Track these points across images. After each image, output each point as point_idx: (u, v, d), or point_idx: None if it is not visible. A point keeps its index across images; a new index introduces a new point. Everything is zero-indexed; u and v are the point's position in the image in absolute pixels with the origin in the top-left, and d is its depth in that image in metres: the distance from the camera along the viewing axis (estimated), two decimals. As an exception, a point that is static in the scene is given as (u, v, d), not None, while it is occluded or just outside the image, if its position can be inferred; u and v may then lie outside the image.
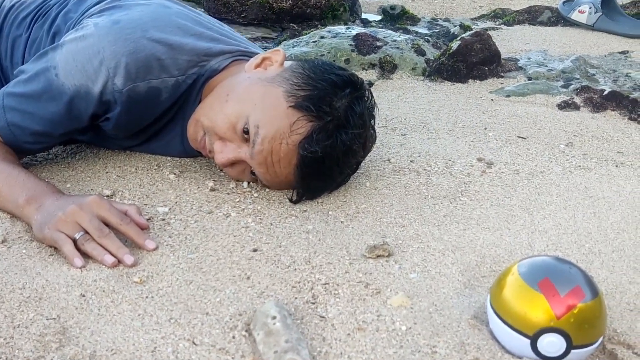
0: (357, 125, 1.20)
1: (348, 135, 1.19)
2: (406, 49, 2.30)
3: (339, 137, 1.18)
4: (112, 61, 1.20)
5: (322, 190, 1.29)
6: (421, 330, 0.93)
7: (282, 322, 0.89)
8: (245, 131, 1.19)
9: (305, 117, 1.17)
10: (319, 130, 1.17)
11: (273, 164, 1.20)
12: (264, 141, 1.17)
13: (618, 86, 2.09)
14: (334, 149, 1.17)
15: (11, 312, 0.93)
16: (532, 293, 0.88)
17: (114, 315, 0.94)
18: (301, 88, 1.19)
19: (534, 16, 3.01)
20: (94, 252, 1.06)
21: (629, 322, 1.00)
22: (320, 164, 1.19)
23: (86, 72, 1.20)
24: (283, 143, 1.17)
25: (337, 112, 1.18)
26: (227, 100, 1.22)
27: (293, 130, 1.17)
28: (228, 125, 1.20)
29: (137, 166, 1.39)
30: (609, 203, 1.37)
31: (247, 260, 1.08)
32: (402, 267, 1.09)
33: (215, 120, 1.22)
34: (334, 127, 1.18)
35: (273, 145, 1.18)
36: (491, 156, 1.58)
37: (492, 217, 1.28)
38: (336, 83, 1.21)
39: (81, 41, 1.22)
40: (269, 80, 1.22)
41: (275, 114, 1.18)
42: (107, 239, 1.07)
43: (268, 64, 1.27)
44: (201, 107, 1.27)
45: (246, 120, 1.18)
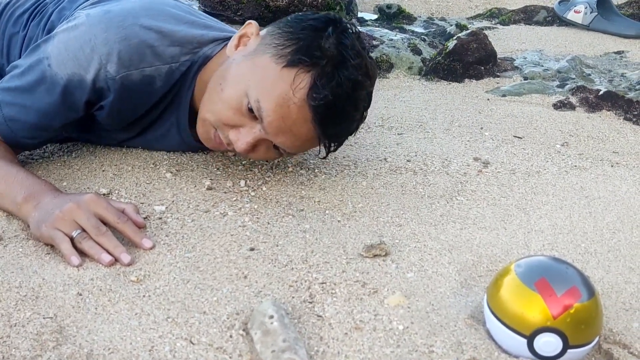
0: (354, 57, 1.18)
1: (349, 69, 1.16)
2: (402, 48, 2.30)
3: (342, 74, 1.15)
4: (104, 48, 1.20)
5: (347, 133, 1.25)
6: (418, 330, 0.93)
7: (280, 322, 0.89)
8: (250, 110, 1.17)
9: (301, 70, 1.15)
10: (320, 76, 1.15)
11: (290, 128, 1.18)
12: (270, 111, 1.16)
13: (613, 86, 2.10)
14: (341, 87, 1.15)
15: (8, 311, 0.93)
16: (528, 293, 0.89)
17: (111, 314, 0.94)
18: (286, 46, 1.17)
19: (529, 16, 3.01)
20: (91, 250, 1.05)
21: (625, 321, 1.00)
22: (334, 108, 1.16)
23: (78, 61, 1.20)
24: (290, 104, 1.15)
25: (330, 52, 1.16)
26: (222, 89, 1.21)
27: (295, 88, 1.15)
28: (232, 110, 1.19)
29: (134, 164, 1.39)
30: (605, 203, 1.37)
31: (244, 259, 1.08)
32: (399, 266, 1.09)
33: (219, 112, 1.21)
34: (333, 67, 1.15)
35: (281, 112, 1.16)
36: (487, 156, 1.58)
37: (489, 217, 1.29)
38: (316, 27, 1.18)
39: (73, 30, 1.22)
40: (252, 54, 1.21)
41: (271, 80, 1.16)
42: (104, 237, 1.07)
43: (246, 40, 1.26)
44: (202, 104, 1.26)
45: (247, 99, 1.17)
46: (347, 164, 1.47)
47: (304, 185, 1.36)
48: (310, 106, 1.15)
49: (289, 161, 1.45)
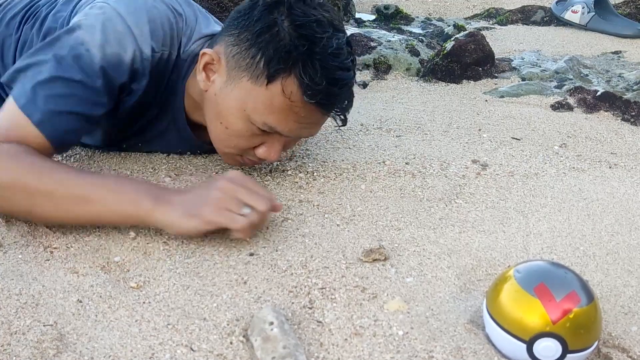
0: (318, 30, 1.15)
1: (322, 47, 1.14)
2: (400, 50, 2.30)
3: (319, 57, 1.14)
4: (136, 29, 1.20)
5: (352, 92, 1.25)
6: (418, 335, 0.93)
7: (280, 328, 0.90)
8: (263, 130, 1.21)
9: (284, 77, 1.15)
10: (303, 73, 1.14)
11: (306, 123, 1.22)
12: (281, 125, 1.19)
13: (611, 87, 2.10)
14: (326, 68, 1.14)
15: (8, 319, 0.93)
16: (528, 298, 0.89)
17: (111, 321, 0.94)
18: (254, 62, 1.16)
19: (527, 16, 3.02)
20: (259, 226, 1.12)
21: (624, 325, 1.01)
22: (334, 87, 1.16)
23: (116, 41, 1.19)
24: (294, 109, 1.17)
25: (295, 43, 1.14)
26: (227, 126, 1.23)
27: (290, 96, 1.16)
28: (248, 138, 1.23)
29: (133, 169, 1.39)
30: (603, 205, 1.38)
31: (243, 264, 1.08)
32: (399, 271, 1.09)
33: (237, 143, 1.25)
34: (307, 56, 1.14)
35: (291, 118, 1.19)
36: (486, 158, 1.58)
37: (487, 220, 1.29)
38: (268, 26, 1.16)
39: (101, 15, 1.20)
40: (229, 83, 1.20)
41: (265, 102, 1.17)
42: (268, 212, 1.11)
43: (212, 67, 1.24)
44: (214, 141, 1.29)
45: (254, 125, 1.20)
46: (346, 167, 1.47)
47: (302, 189, 1.37)
48: (312, 103, 1.16)
49: (288, 165, 1.45)
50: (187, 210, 1.07)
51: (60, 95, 1.15)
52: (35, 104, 1.14)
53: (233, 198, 1.08)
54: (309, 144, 1.59)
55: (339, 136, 1.66)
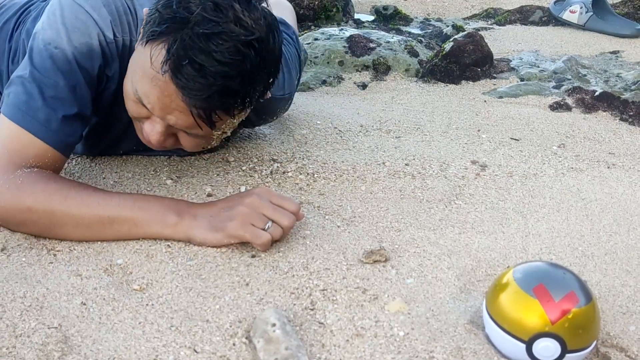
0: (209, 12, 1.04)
1: (201, 26, 1.03)
2: (399, 50, 2.31)
3: (193, 34, 1.03)
4: (94, 13, 1.19)
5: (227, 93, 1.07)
6: (418, 336, 0.94)
7: (282, 329, 0.91)
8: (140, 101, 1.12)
9: (155, 42, 1.07)
10: (171, 43, 1.04)
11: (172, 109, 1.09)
12: (149, 99, 1.10)
13: (609, 87, 2.11)
14: (194, 47, 1.03)
15: (13, 322, 0.94)
16: (527, 299, 0.90)
17: (115, 324, 0.95)
18: (148, 22, 1.10)
19: (525, 16, 3.02)
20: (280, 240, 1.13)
21: (622, 325, 1.02)
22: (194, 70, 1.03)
23: (79, 30, 1.18)
24: (157, 84, 1.07)
25: (181, 14, 1.05)
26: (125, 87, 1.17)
27: (152, 61, 1.06)
28: (132, 104, 1.15)
29: (134, 172, 1.40)
30: (602, 205, 1.39)
31: (245, 266, 1.09)
32: (399, 272, 1.10)
33: (128, 107, 1.17)
34: (183, 28, 1.04)
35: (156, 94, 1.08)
36: (485, 158, 1.59)
37: (487, 221, 1.30)
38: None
39: (58, 10, 1.20)
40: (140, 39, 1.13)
41: (140, 66, 1.10)
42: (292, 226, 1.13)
43: None
44: None
45: (135, 91, 1.12)
46: (346, 168, 1.48)
47: (303, 190, 1.38)
48: (170, 78, 1.05)
49: (289, 166, 1.46)
50: (211, 224, 1.12)
51: (51, 102, 1.16)
52: (32, 117, 1.15)
53: (259, 214, 1.11)
54: (309, 145, 1.60)
55: (338, 137, 1.67)
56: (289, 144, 1.59)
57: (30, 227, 1.13)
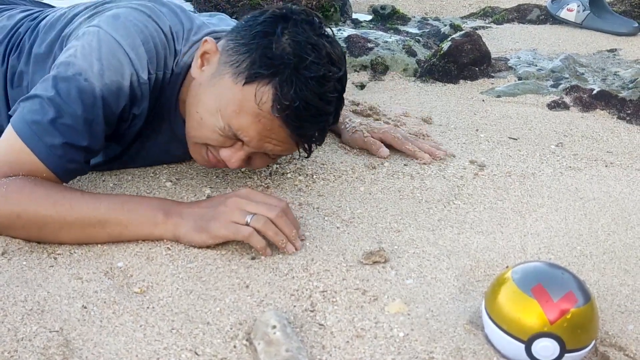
0: (310, 52, 1.14)
1: (309, 68, 1.13)
2: (397, 50, 2.32)
3: (302, 76, 1.12)
4: (132, 52, 1.20)
5: (326, 126, 1.22)
6: (418, 337, 0.95)
7: (282, 331, 0.91)
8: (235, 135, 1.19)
9: (261, 83, 1.13)
10: (281, 85, 1.12)
11: (271, 138, 1.18)
12: (245, 132, 1.17)
13: (607, 85, 2.12)
14: (305, 89, 1.13)
15: (14, 325, 0.94)
16: (525, 299, 0.91)
17: (116, 327, 0.96)
18: (241, 61, 1.16)
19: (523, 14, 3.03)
20: (268, 232, 1.11)
21: (621, 324, 1.02)
22: (305, 111, 1.14)
23: (114, 68, 1.19)
24: (261, 119, 1.15)
25: (285, 56, 1.13)
26: (201, 117, 1.20)
27: (259, 104, 1.14)
28: (216, 134, 1.20)
29: (134, 174, 1.40)
30: (600, 204, 1.39)
31: (245, 268, 1.10)
32: (399, 273, 1.11)
33: (206, 137, 1.21)
34: (291, 71, 1.12)
35: (256, 128, 1.16)
36: (483, 158, 1.60)
37: (486, 221, 1.30)
38: (266, 32, 1.16)
39: (96, 41, 1.19)
40: (214, 76, 1.20)
41: (237, 103, 1.15)
42: (282, 219, 1.13)
43: (208, 57, 1.24)
44: (187, 129, 1.25)
45: (227, 126, 1.17)
46: (345, 169, 1.49)
47: (302, 191, 1.38)
48: (279, 118, 1.14)
49: (288, 167, 1.47)
50: (196, 224, 1.13)
51: (63, 129, 1.15)
52: (39, 138, 1.14)
53: (240, 210, 1.12)
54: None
55: (337, 138, 1.67)
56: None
57: (19, 231, 1.13)
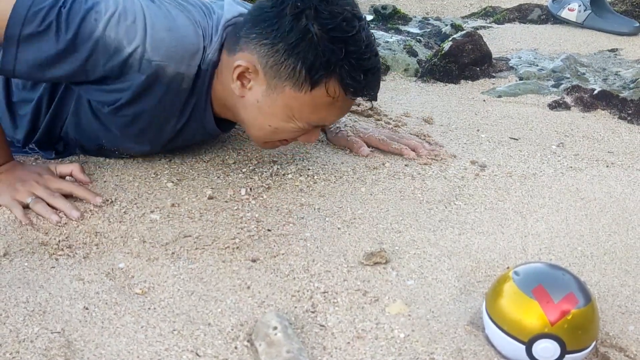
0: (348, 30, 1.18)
1: (355, 45, 1.19)
2: (398, 50, 2.32)
3: (355, 56, 1.19)
4: (151, 30, 1.20)
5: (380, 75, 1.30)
6: (419, 338, 0.95)
7: (283, 333, 0.91)
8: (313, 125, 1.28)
9: (326, 81, 1.20)
10: (342, 74, 1.19)
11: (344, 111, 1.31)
12: (328, 120, 1.30)
13: (608, 85, 2.12)
14: (363, 65, 1.20)
15: (16, 327, 0.95)
16: (526, 300, 0.91)
17: (117, 328, 0.96)
18: (295, 71, 1.19)
19: (524, 14, 3.03)
20: (42, 211, 1.22)
21: (621, 325, 1.03)
22: (371, 78, 1.23)
23: (126, 31, 1.19)
24: (336, 106, 1.25)
25: (334, 50, 1.17)
26: (276, 127, 1.27)
27: (333, 96, 1.21)
28: (293, 133, 1.29)
29: (135, 175, 1.40)
30: (600, 205, 1.39)
31: (246, 269, 1.10)
32: (400, 273, 1.11)
33: (287, 136, 1.31)
34: (345, 58, 1.18)
35: (338, 113, 1.29)
36: (484, 158, 1.60)
37: (486, 221, 1.30)
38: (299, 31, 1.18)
39: (128, 2, 1.20)
40: (271, 93, 1.23)
41: (311, 105, 1.22)
42: (55, 199, 1.24)
43: (247, 76, 1.24)
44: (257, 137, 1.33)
45: (305, 124, 1.26)
46: (346, 169, 1.49)
47: (303, 192, 1.38)
48: (354, 94, 1.24)
49: (289, 168, 1.47)
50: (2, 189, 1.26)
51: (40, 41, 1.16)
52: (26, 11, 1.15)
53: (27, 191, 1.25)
54: (308, 146, 1.60)
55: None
56: (288, 145, 1.59)
57: None
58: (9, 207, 1.23)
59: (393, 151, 1.57)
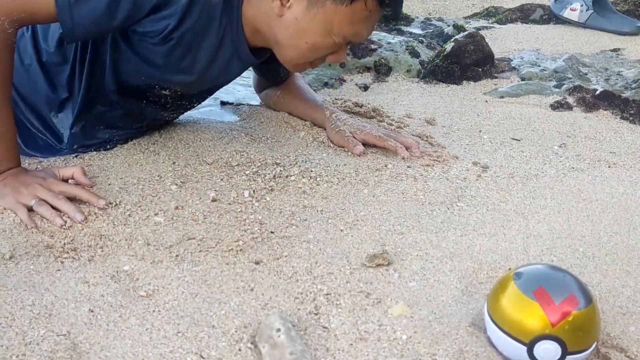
0: None
1: None
2: (400, 51, 2.32)
3: None
4: None
5: None
6: (421, 339, 0.96)
7: (287, 335, 0.92)
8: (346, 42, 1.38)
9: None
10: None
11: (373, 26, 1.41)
12: (362, 34, 1.38)
13: (610, 85, 2.12)
14: None
15: (22, 329, 0.96)
16: (527, 302, 0.91)
17: (122, 330, 0.97)
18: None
19: (526, 14, 3.03)
20: (45, 213, 1.23)
21: (622, 325, 1.03)
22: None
23: None
24: (370, 20, 1.35)
25: None
26: (312, 43, 1.35)
27: (370, 9, 1.31)
28: (327, 50, 1.38)
29: (139, 177, 1.41)
30: (602, 205, 1.40)
31: (250, 272, 1.11)
32: (402, 275, 1.12)
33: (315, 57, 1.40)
34: None
35: (368, 27, 1.37)
36: (486, 159, 1.61)
37: (488, 223, 1.31)
38: None
39: None
40: (311, 8, 1.32)
41: (349, 18, 1.31)
42: (60, 201, 1.25)
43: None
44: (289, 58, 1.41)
45: (339, 39, 1.34)
46: (349, 171, 1.49)
47: (306, 194, 1.39)
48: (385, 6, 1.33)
49: (292, 170, 1.48)
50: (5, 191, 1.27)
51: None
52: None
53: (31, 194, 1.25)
54: (310, 148, 1.61)
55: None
56: (291, 147, 1.60)
57: None
58: (13, 209, 1.24)
59: (389, 147, 1.59)
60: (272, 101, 1.82)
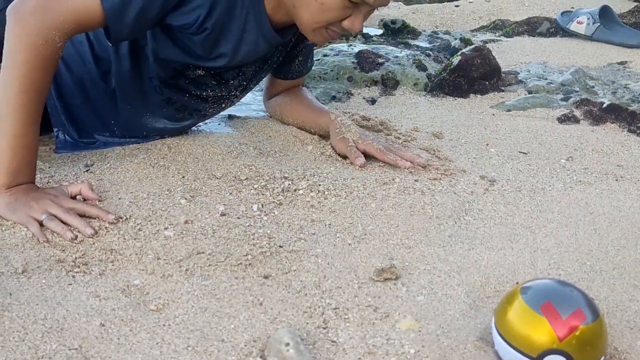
0: None
1: None
2: (407, 65, 2.34)
3: None
4: None
5: None
6: (429, 353, 0.97)
7: (296, 349, 0.93)
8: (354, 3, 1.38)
9: None
10: None
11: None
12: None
13: (617, 98, 2.13)
14: None
15: (35, 343, 0.97)
16: (535, 316, 0.92)
17: (133, 344, 0.98)
18: None
19: (533, 27, 3.05)
20: (56, 228, 1.24)
21: (630, 340, 1.03)
22: None
23: None
24: None
25: None
26: (322, 2, 1.37)
27: None
28: (340, 11, 1.39)
29: (149, 192, 1.43)
30: (610, 219, 1.40)
31: (259, 286, 1.12)
32: (410, 289, 1.12)
33: (328, 17, 1.40)
34: None
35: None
36: (493, 173, 1.61)
37: (496, 236, 1.32)
38: None
39: None
40: None
41: None
42: (70, 216, 1.26)
43: None
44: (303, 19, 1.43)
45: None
46: (356, 185, 1.50)
47: (314, 208, 1.40)
48: None
49: (300, 184, 1.49)
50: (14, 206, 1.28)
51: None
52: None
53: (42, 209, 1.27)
54: (318, 161, 1.62)
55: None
56: (299, 161, 1.62)
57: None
58: (24, 224, 1.26)
59: (388, 161, 1.61)
60: (278, 109, 1.85)
